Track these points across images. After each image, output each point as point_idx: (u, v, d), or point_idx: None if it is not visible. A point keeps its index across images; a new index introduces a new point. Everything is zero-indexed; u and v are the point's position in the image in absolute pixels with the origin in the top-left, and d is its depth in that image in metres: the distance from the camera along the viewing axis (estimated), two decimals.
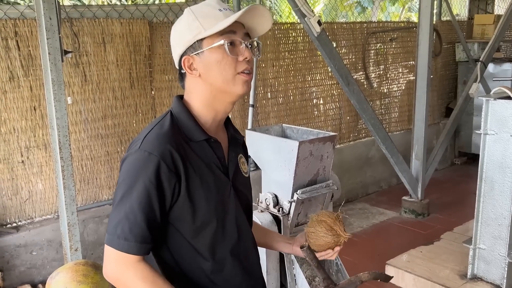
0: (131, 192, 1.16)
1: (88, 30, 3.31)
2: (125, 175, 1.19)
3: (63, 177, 2.69)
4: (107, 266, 1.20)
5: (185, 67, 1.27)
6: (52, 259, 3.23)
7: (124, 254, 1.16)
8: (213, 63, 1.24)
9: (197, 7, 1.29)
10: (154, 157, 1.16)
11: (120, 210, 1.16)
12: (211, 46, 1.23)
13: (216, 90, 1.26)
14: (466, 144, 6.35)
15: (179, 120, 1.27)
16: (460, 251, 3.45)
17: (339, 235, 1.45)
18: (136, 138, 1.26)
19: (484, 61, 4.98)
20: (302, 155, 2.22)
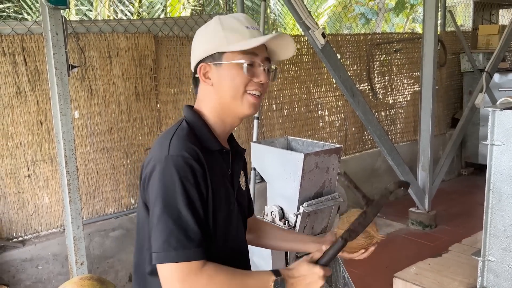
0: (174, 199, 1.10)
1: (94, 45, 3.34)
2: (161, 185, 1.12)
3: (69, 191, 2.69)
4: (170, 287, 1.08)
5: (200, 73, 1.28)
6: (58, 273, 3.22)
7: (189, 264, 1.08)
8: (228, 78, 1.25)
9: (226, 18, 1.30)
10: (187, 158, 1.14)
11: (167, 221, 1.09)
12: (230, 61, 1.24)
13: (224, 104, 1.28)
14: (473, 155, 6.31)
15: (194, 128, 1.26)
16: (469, 263, 3.40)
17: (372, 236, 1.40)
18: (156, 149, 1.21)
19: (490, 71, 4.97)
20: (308, 168, 2.21)
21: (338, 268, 2.38)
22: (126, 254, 3.51)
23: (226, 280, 1.12)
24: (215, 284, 1.11)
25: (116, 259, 3.47)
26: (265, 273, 1.17)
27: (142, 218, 1.26)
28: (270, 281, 1.14)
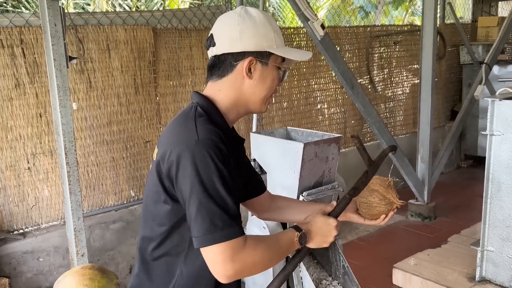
0: (211, 181, 1.13)
1: (92, 37, 3.34)
2: (196, 169, 1.13)
3: (69, 183, 2.70)
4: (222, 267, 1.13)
5: (245, 66, 1.27)
6: (59, 265, 3.23)
7: (235, 241, 1.13)
8: (269, 79, 1.30)
9: (273, 20, 1.33)
10: (217, 142, 1.17)
11: (209, 203, 1.12)
12: (275, 64, 1.30)
13: (247, 99, 1.31)
14: (472, 147, 6.31)
15: (209, 114, 1.27)
16: (468, 253, 3.42)
17: (392, 203, 1.45)
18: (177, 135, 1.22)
19: (489, 63, 4.96)
20: (307, 157, 2.21)
21: (337, 257, 2.39)
22: (126, 246, 3.52)
23: (265, 248, 1.21)
24: (258, 253, 1.18)
25: (116, 251, 3.49)
26: (289, 231, 1.30)
27: (153, 206, 1.28)
28: (295, 237, 1.28)
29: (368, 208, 1.47)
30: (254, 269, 1.20)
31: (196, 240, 1.14)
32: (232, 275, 1.14)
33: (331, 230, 1.34)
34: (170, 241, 1.27)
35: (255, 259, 1.17)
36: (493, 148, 2.97)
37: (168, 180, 1.21)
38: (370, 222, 1.50)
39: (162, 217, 1.26)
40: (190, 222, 1.15)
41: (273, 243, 1.25)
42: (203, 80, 3.93)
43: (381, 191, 1.45)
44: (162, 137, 1.30)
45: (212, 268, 1.15)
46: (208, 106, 1.29)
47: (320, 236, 1.33)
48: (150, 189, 1.30)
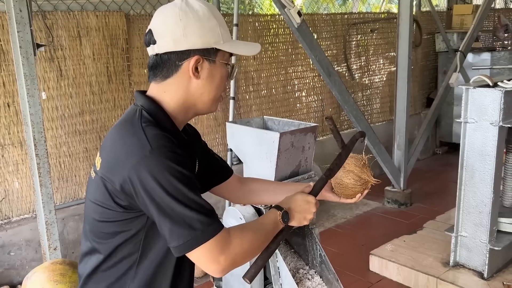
0: (176, 188, 1.08)
1: (62, 24, 3.22)
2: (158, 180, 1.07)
3: (40, 175, 2.61)
4: (214, 264, 1.11)
5: (191, 66, 1.18)
6: (31, 259, 3.15)
7: (218, 237, 1.10)
8: (218, 77, 1.23)
9: (217, 12, 1.24)
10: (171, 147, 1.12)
11: (181, 210, 1.08)
12: (222, 61, 1.23)
13: (195, 100, 1.24)
14: (447, 134, 6.42)
15: (156, 119, 1.19)
16: (443, 239, 3.48)
17: (367, 182, 1.48)
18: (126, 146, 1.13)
19: (464, 51, 5.02)
20: (284, 147, 2.19)
21: (314, 246, 2.39)
22: None
23: (251, 233, 1.20)
24: (245, 241, 1.17)
25: None
26: (271, 212, 1.30)
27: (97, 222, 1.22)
28: (278, 216, 1.28)
29: (344, 189, 1.49)
30: (245, 256, 1.18)
31: (178, 248, 1.10)
32: (226, 268, 1.14)
33: (310, 207, 1.35)
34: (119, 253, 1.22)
35: (243, 247, 1.16)
36: (467, 136, 3.00)
37: (122, 195, 1.14)
38: (346, 200, 1.53)
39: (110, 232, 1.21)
40: (166, 233, 1.10)
41: (257, 227, 1.25)
42: None
43: (356, 172, 1.47)
44: (106, 146, 1.21)
45: (204, 268, 1.13)
46: (155, 109, 1.20)
47: (300, 213, 1.33)
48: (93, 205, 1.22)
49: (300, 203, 1.35)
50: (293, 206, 1.33)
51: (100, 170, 1.19)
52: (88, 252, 1.29)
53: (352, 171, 1.47)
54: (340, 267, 3.35)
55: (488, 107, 2.84)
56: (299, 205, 1.34)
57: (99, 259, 1.24)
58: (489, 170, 2.90)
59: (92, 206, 1.23)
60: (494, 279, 3.03)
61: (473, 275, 3.06)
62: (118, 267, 1.23)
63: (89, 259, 1.28)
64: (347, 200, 1.53)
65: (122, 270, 1.23)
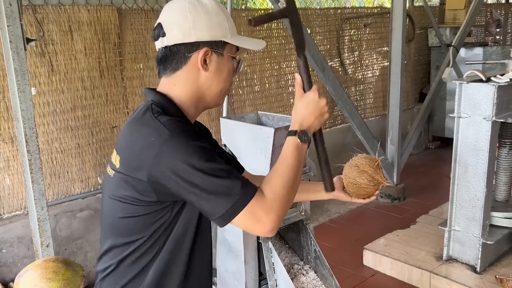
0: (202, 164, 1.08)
1: (53, 18, 3.17)
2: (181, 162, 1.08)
3: (31, 171, 2.58)
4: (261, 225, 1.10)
5: (200, 58, 1.20)
6: (24, 256, 3.12)
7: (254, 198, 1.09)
8: (225, 70, 1.24)
9: (223, 7, 1.26)
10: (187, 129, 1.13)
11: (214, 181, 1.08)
12: (230, 54, 1.24)
13: (204, 93, 1.25)
14: (440, 129, 6.45)
15: (167, 112, 1.19)
16: (436, 233, 3.50)
17: (379, 183, 1.48)
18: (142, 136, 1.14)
19: (456, 45, 5.03)
20: (278, 142, 2.18)
21: (309, 242, 2.39)
22: (95, 234, 3.43)
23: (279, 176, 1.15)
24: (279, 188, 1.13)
25: (84, 240, 3.40)
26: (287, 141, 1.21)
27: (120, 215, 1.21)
28: (296, 141, 1.19)
29: (356, 189, 1.49)
30: (285, 202, 1.14)
31: (223, 217, 1.09)
32: (273, 227, 1.11)
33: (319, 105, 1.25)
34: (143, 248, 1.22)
35: (280, 195, 1.12)
36: (460, 130, 3.01)
37: (150, 189, 1.13)
38: (357, 200, 1.53)
39: (134, 228, 1.20)
40: (207, 209, 1.11)
41: (283, 167, 1.17)
42: None
43: (370, 172, 1.47)
44: (123, 143, 1.21)
45: (253, 231, 1.14)
46: (166, 103, 1.21)
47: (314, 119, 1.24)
48: (114, 203, 1.21)
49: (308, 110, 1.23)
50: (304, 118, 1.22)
51: (120, 168, 1.19)
52: (108, 249, 1.27)
53: (366, 172, 1.46)
54: (334, 262, 3.36)
55: (481, 102, 2.85)
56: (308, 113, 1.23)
57: (121, 257, 1.24)
58: (482, 165, 2.92)
59: (112, 203, 1.22)
60: (486, 272, 3.05)
61: (466, 269, 3.09)
62: (141, 261, 1.23)
63: (110, 257, 1.27)
64: (359, 199, 1.52)
65: (144, 263, 1.23)
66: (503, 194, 3.31)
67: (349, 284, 3.24)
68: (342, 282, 2.85)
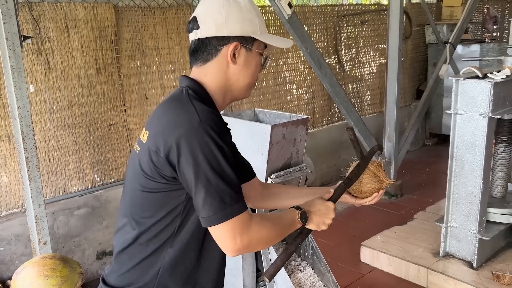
0: (216, 161, 1.14)
1: (49, 15, 3.17)
2: (200, 150, 1.13)
3: (28, 169, 2.58)
4: (232, 242, 1.16)
5: (229, 51, 1.27)
6: (21, 254, 3.12)
7: (242, 216, 1.16)
8: (253, 65, 1.31)
9: (255, 5, 1.33)
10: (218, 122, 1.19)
11: (217, 182, 1.14)
12: (258, 50, 1.31)
13: (232, 85, 1.31)
14: (437, 125, 6.46)
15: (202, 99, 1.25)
16: (433, 230, 3.52)
17: (382, 181, 1.50)
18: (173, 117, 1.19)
19: (453, 42, 5.04)
20: (275, 139, 2.19)
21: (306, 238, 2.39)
22: (92, 232, 3.43)
23: (270, 224, 1.24)
24: (264, 228, 1.21)
25: (82, 238, 3.40)
26: (291, 210, 1.34)
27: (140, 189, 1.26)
28: (297, 215, 1.31)
29: (358, 185, 1.51)
30: (260, 244, 1.24)
31: (207, 219, 1.15)
32: (240, 249, 1.18)
33: (329, 212, 1.38)
34: (159, 226, 1.26)
35: (261, 234, 1.21)
36: (457, 127, 3.02)
37: (165, 164, 1.18)
38: (362, 200, 1.54)
39: (152, 204, 1.25)
40: (199, 202, 1.16)
41: (277, 220, 1.29)
42: (168, 61, 3.82)
43: (372, 169, 1.49)
44: (153, 120, 1.27)
45: (222, 244, 1.18)
46: (200, 90, 1.28)
47: (319, 216, 1.37)
48: (136, 176, 1.27)
49: (320, 207, 1.38)
50: (313, 209, 1.36)
51: (147, 142, 1.24)
52: (125, 225, 1.32)
53: (368, 168, 1.49)
54: (331, 258, 3.37)
55: (478, 99, 2.86)
56: (318, 209, 1.37)
57: (138, 232, 1.28)
58: (478, 161, 2.93)
59: (135, 177, 1.27)
60: (483, 268, 3.07)
61: (462, 265, 3.10)
62: (157, 239, 1.26)
63: (126, 232, 1.31)
64: (363, 200, 1.54)
65: (160, 242, 1.26)
66: (500, 190, 3.32)
67: (347, 280, 3.25)
68: (340, 279, 2.86)
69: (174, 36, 3.81)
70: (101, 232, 3.48)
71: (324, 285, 2.34)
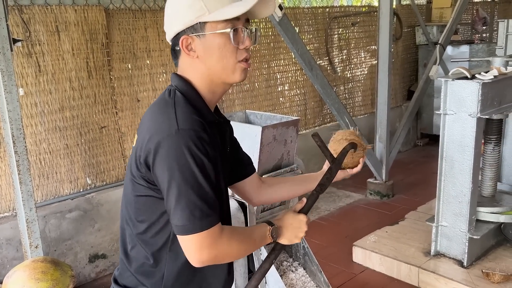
0: (191, 172, 1.12)
1: (40, 18, 3.16)
2: (176, 160, 1.12)
3: (19, 172, 2.57)
4: (198, 253, 1.16)
5: (182, 46, 1.24)
6: (12, 258, 3.10)
7: (212, 230, 1.15)
8: (215, 48, 1.22)
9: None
10: (198, 131, 1.15)
11: (187, 193, 1.12)
12: (214, 31, 1.21)
13: (213, 75, 1.26)
14: (428, 126, 6.51)
15: (189, 99, 1.23)
16: (424, 229, 3.54)
17: (364, 147, 1.56)
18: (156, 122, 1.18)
19: (443, 43, 5.09)
20: (266, 140, 2.20)
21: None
22: (84, 235, 3.42)
23: (240, 238, 1.24)
24: (233, 242, 1.21)
25: (74, 241, 3.39)
26: (262, 225, 1.34)
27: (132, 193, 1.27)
28: (267, 231, 1.31)
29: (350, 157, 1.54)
30: (227, 257, 1.25)
31: (176, 228, 1.16)
32: (206, 261, 1.18)
33: (301, 226, 1.36)
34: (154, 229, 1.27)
35: (229, 249, 1.21)
36: (446, 127, 3.05)
37: (144, 168, 1.19)
38: (352, 170, 1.59)
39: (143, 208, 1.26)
40: (169, 210, 1.16)
41: (247, 235, 1.29)
42: (160, 63, 3.83)
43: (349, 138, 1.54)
44: (142, 123, 1.27)
45: (187, 254, 1.18)
46: (187, 89, 1.25)
47: (291, 231, 1.35)
48: (129, 179, 1.28)
49: (291, 221, 1.36)
50: (284, 224, 1.35)
51: (135, 146, 1.25)
52: (125, 227, 1.33)
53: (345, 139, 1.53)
54: (323, 258, 3.38)
55: (467, 99, 2.89)
56: (290, 223, 1.36)
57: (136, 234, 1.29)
58: (468, 161, 2.96)
59: (128, 181, 1.28)
60: (473, 267, 3.10)
61: (453, 264, 3.13)
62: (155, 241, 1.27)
63: (127, 235, 1.32)
64: (353, 170, 1.58)
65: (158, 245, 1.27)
66: (489, 189, 3.36)
67: (339, 281, 3.27)
68: (332, 279, 2.88)
69: (165, 39, 3.81)
70: (93, 235, 3.47)
71: (316, 286, 2.35)
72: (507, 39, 4.20)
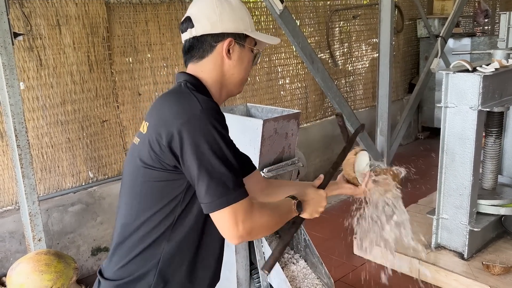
0: (219, 147, 1.17)
1: (41, 12, 3.16)
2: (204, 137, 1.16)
3: (21, 166, 2.59)
4: (235, 228, 1.17)
5: (224, 47, 1.32)
6: (16, 251, 3.12)
7: (243, 202, 1.17)
8: (245, 61, 1.37)
9: (244, 5, 1.39)
10: (218, 110, 1.22)
11: (220, 167, 1.16)
12: (250, 46, 1.38)
13: (227, 80, 1.36)
14: (429, 119, 6.51)
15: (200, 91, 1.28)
16: (425, 222, 3.55)
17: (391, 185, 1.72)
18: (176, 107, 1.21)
19: (444, 36, 5.06)
20: (267, 134, 2.21)
21: (299, 231, 2.42)
22: (87, 228, 3.45)
23: (269, 211, 1.26)
24: (264, 214, 1.23)
25: (77, 234, 3.41)
26: (287, 199, 1.39)
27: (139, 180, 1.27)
28: (293, 204, 1.36)
29: None
30: (261, 231, 1.25)
31: (210, 205, 1.17)
32: (243, 236, 1.18)
33: (321, 201, 1.44)
34: (158, 216, 1.27)
35: (262, 220, 1.22)
36: (447, 120, 3.06)
37: (169, 154, 1.20)
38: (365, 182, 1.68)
39: (152, 195, 1.27)
40: (201, 189, 1.17)
41: (275, 208, 1.32)
42: (161, 57, 3.83)
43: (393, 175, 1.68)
44: (155, 111, 1.29)
45: (224, 231, 1.19)
46: (198, 83, 1.32)
47: (313, 205, 1.42)
48: (136, 168, 1.28)
49: (312, 195, 1.43)
50: (306, 198, 1.41)
51: (146, 133, 1.26)
52: (124, 217, 1.33)
53: None
54: (324, 251, 3.40)
55: (468, 92, 2.89)
56: (312, 198, 1.42)
57: (137, 224, 1.29)
58: (469, 154, 2.96)
59: (135, 168, 1.29)
60: (474, 259, 3.12)
61: (454, 256, 3.15)
62: (157, 229, 1.28)
63: (125, 225, 1.32)
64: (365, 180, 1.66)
65: (159, 233, 1.28)
66: (490, 182, 3.37)
67: (340, 273, 3.29)
68: (333, 271, 2.89)
69: (166, 32, 3.82)
70: (95, 229, 3.49)
71: (317, 277, 2.37)
72: (508, 31, 4.18)
